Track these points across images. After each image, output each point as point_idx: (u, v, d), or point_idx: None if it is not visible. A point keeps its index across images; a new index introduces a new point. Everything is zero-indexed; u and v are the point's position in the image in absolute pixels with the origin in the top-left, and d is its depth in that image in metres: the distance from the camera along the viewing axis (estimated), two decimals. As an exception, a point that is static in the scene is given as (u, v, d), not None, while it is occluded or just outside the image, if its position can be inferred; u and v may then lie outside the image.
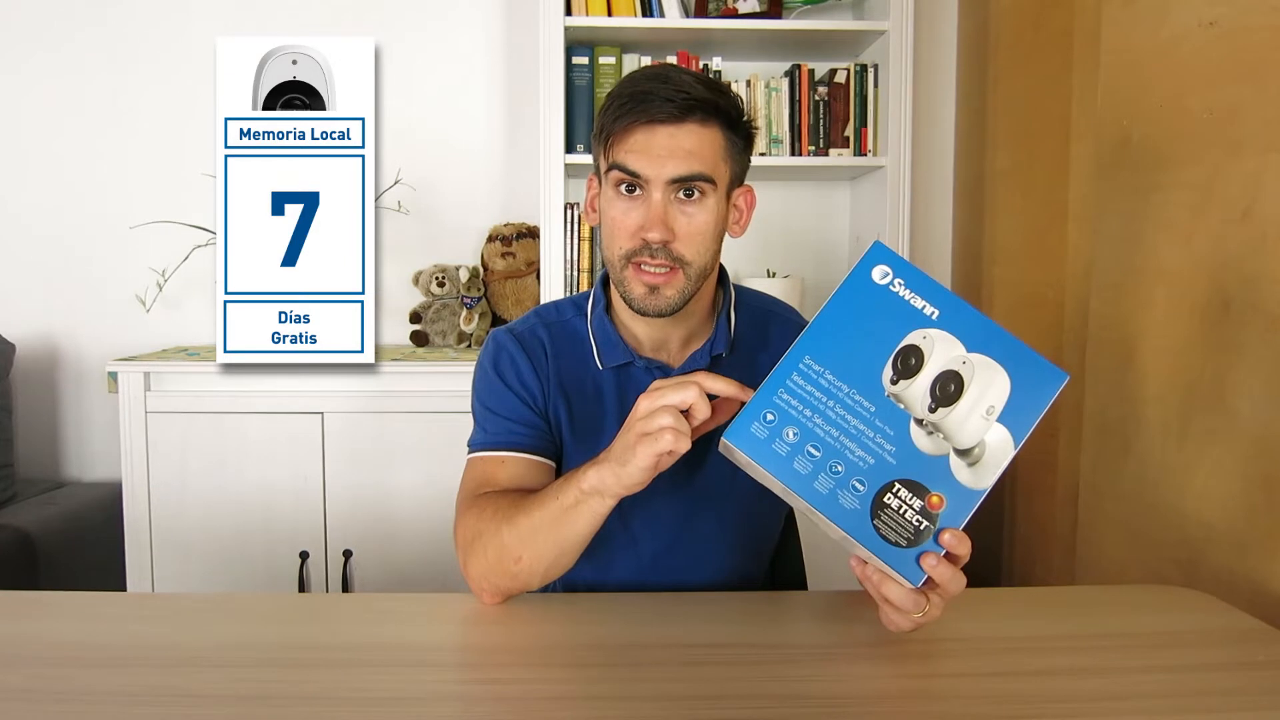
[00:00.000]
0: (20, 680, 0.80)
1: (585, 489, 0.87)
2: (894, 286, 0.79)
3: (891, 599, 0.79)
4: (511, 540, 0.92)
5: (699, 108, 0.95)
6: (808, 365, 0.78)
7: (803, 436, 0.77)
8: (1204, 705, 0.77)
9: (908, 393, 0.77)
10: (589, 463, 0.89)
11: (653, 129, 0.95)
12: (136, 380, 1.94)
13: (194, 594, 1.77)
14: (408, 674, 0.81)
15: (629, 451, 0.84)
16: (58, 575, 1.97)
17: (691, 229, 0.97)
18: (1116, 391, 1.60)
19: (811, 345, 0.79)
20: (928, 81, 2.37)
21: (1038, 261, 1.93)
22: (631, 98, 0.95)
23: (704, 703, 0.76)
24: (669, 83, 0.95)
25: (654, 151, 0.95)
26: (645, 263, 0.97)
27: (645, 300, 0.99)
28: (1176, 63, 1.44)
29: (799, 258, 2.40)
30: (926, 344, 0.78)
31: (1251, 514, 1.27)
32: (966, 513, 0.77)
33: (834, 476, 0.77)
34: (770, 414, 0.78)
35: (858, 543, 0.77)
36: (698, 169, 0.95)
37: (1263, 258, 1.25)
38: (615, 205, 0.99)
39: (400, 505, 1.98)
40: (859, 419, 0.77)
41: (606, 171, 0.99)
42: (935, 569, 0.76)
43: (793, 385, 0.78)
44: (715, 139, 0.97)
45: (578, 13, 2.08)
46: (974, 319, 0.78)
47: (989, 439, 0.77)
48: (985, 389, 0.77)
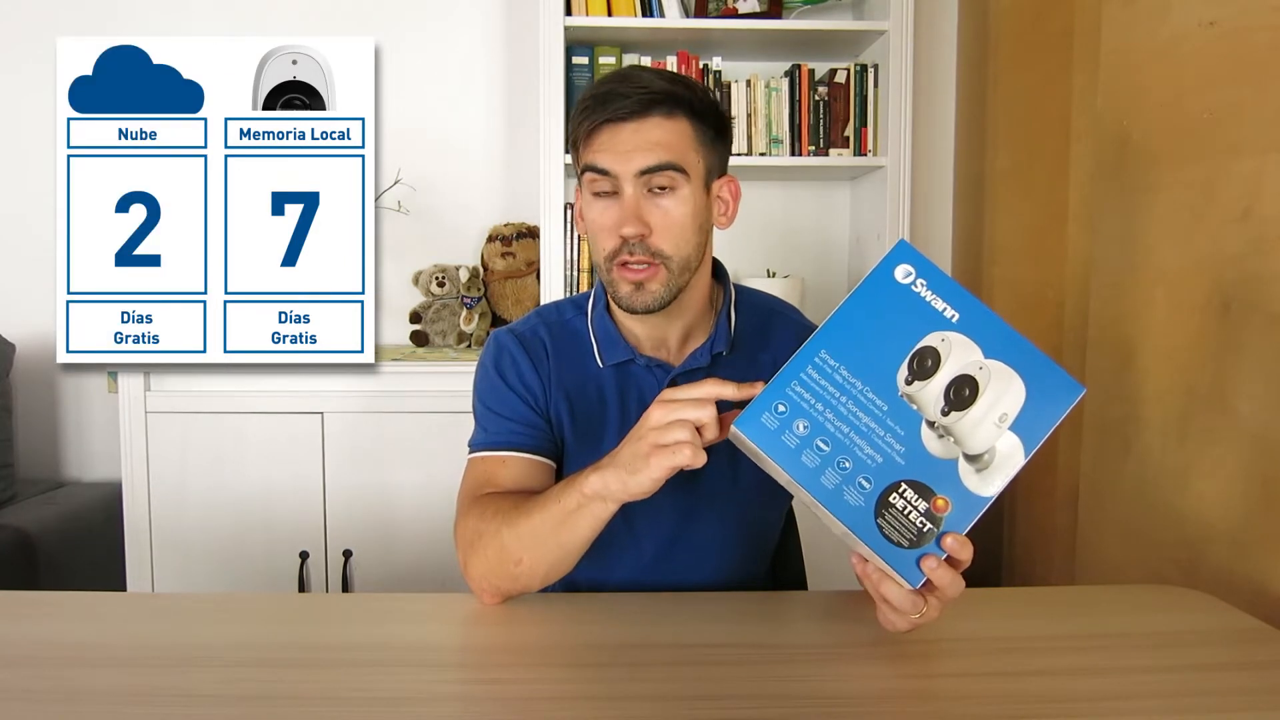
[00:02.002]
0: (20, 680, 0.80)
1: (588, 493, 0.87)
2: (916, 287, 0.79)
3: (889, 598, 0.79)
4: (512, 542, 0.92)
5: (661, 101, 0.96)
6: (823, 359, 0.78)
7: (813, 430, 0.77)
8: (1204, 705, 0.77)
9: (921, 394, 0.77)
10: (591, 467, 0.88)
11: (617, 127, 0.96)
12: (136, 380, 1.94)
13: (194, 594, 1.77)
14: (408, 674, 0.81)
15: (640, 461, 0.83)
16: (58, 575, 1.97)
17: (667, 222, 0.98)
18: (1116, 391, 1.60)
19: (829, 340, 0.78)
20: (928, 81, 2.37)
21: (1038, 261, 1.93)
22: (594, 99, 0.98)
23: (704, 703, 0.76)
24: (629, 80, 0.97)
25: (620, 148, 0.96)
26: (627, 260, 0.98)
27: (632, 298, 0.99)
28: (1176, 63, 1.44)
29: (799, 258, 2.40)
30: (944, 347, 0.77)
31: (1251, 514, 1.27)
32: (971, 519, 0.77)
33: (841, 472, 0.77)
34: (782, 405, 0.77)
35: (860, 540, 0.77)
36: (665, 158, 0.96)
37: (1263, 258, 1.25)
38: (593, 208, 1.00)
39: (400, 505, 1.98)
40: (870, 417, 0.77)
41: (580, 175, 1.01)
42: (935, 572, 0.76)
43: (807, 378, 0.78)
44: (683, 130, 0.98)
45: (578, 13, 2.08)
46: (994, 325, 0.78)
47: (1000, 446, 0.76)
48: (1000, 396, 0.76)
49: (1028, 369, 0.77)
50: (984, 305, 0.78)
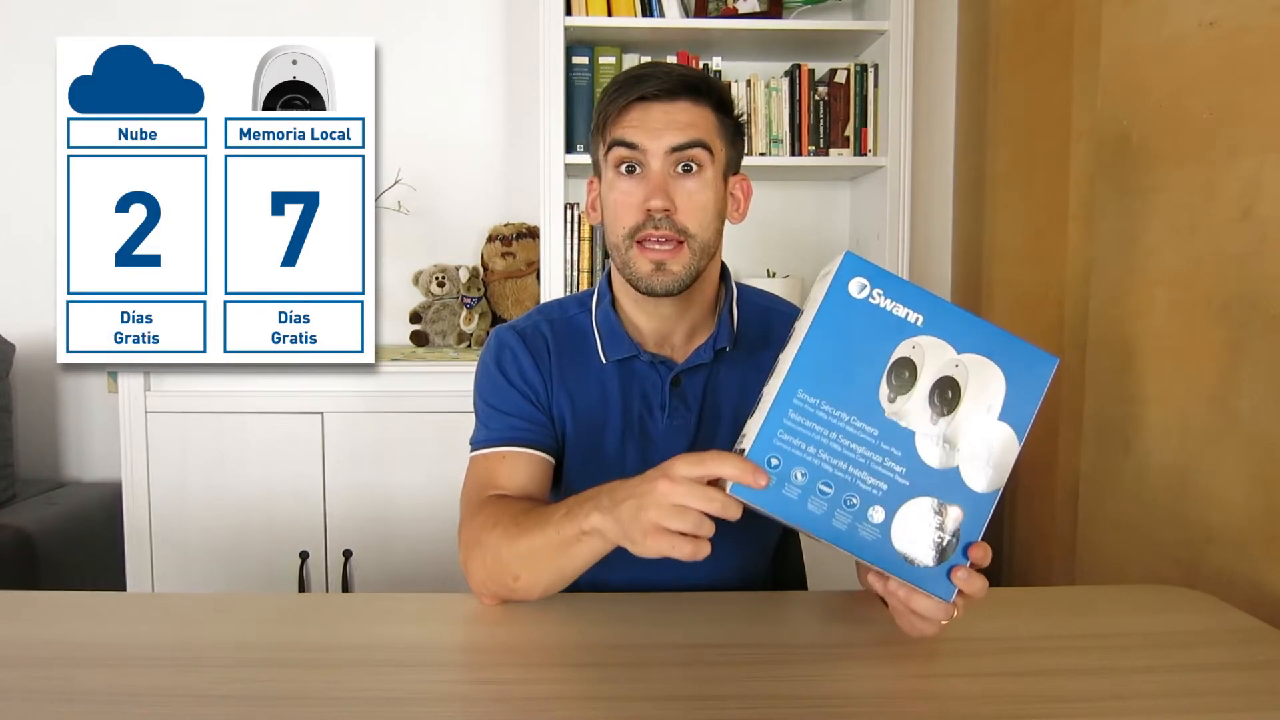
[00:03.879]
0: (20, 680, 0.80)
1: (586, 529, 0.84)
2: (874, 298, 0.75)
3: (922, 612, 0.78)
4: (510, 559, 0.91)
5: (691, 87, 1.00)
6: (802, 399, 0.74)
7: (811, 475, 0.74)
8: (1204, 705, 0.77)
9: (907, 407, 0.75)
10: (591, 500, 0.84)
11: (648, 105, 0.99)
12: (136, 380, 1.94)
13: (194, 594, 1.77)
14: (408, 674, 0.81)
15: (638, 530, 0.77)
16: (58, 575, 1.97)
17: (693, 202, 0.99)
18: (1116, 391, 1.60)
19: (801, 378, 0.75)
20: (928, 81, 2.37)
21: (1038, 262, 1.93)
22: (626, 81, 1.01)
23: (704, 703, 0.76)
24: (659, 67, 1.02)
25: (650, 124, 0.99)
26: (650, 237, 0.99)
27: (652, 278, 0.99)
28: (1176, 63, 1.44)
29: (799, 258, 2.40)
30: (917, 354, 0.76)
31: (1251, 514, 1.27)
32: (984, 518, 0.76)
33: (850, 510, 0.75)
34: (775, 459, 0.74)
35: (887, 572, 0.76)
36: (695, 136, 0.99)
37: (1263, 258, 1.25)
38: (617, 187, 1.01)
39: (400, 505, 1.98)
40: (865, 445, 0.75)
41: (606, 153, 1.02)
42: (967, 582, 0.75)
43: (791, 424, 0.74)
44: (708, 116, 1.01)
45: (578, 13, 2.08)
46: (959, 318, 0.76)
47: (994, 438, 0.76)
48: (982, 389, 0.76)
49: (1001, 354, 0.76)
50: (943, 300, 0.76)
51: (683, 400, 1.06)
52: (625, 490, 0.80)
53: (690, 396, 1.06)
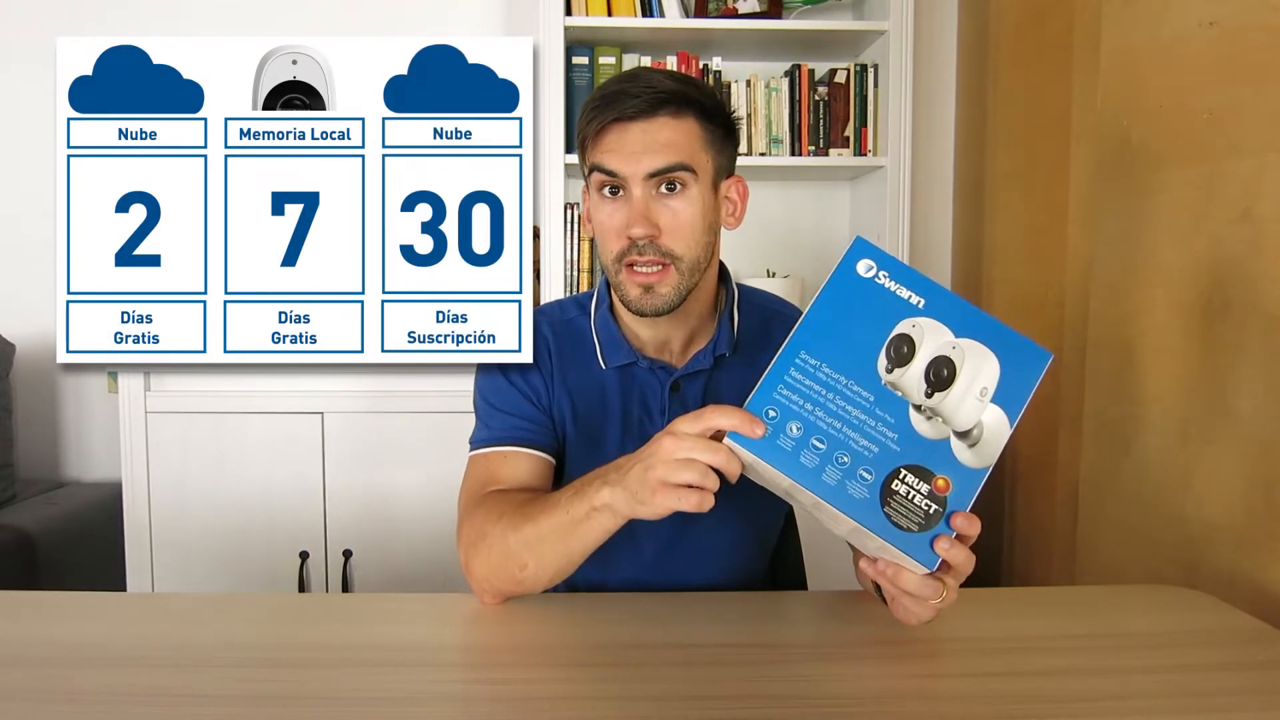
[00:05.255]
0: (20, 680, 0.80)
1: (597, 505, 0.85)
2: (879, 279, 0.80)
3: (909, 589, 0.78)
4: (518, 547, 0.91)
5: (669, 100, 0.95)
6: (804, 360, 0.79)
7: (806, 430, 0.77)
8: (1204, 705, 0.77)
9: (903, 380, 0.78)
10: (598, 476, 0.86)
11: (625, 126, 0.96)
12: (136, 380, 1.94)
13: (194, 594, 1.77)
14: (408, 674, 0.81)
15: (646, 491, 0.80)
16: (58, 575, 1.97)
17: (677, 222, 0.97)
18: (1116, 391, 1.60)
19: (806, 340, 0.79)
20: (928, 81, 2.37)
21: (1038, 261, 1.93)
22: (602, 100, 0.97)
23: (704, 703, 0.76)
24: (637, 80, 0.97)
25: (628, 148, 0.96)
26: (636, 262, 0.97)
27: (641, 301, 0.98)
28: (1176, 63, 1.44)
29: (799, 258, 2.40)
30: (916, 332, 0.79)
31: (1251, 514, 1.27)
32: (972, 493, 0.77)
33: (841, 468, 0.77)
34: (772, 410, 0.78)
35: (871, 531, 0.77)
36: (674, 159, 0.96)
37: (1263, 258, 1.25)
38: (601, 209, 1.00)
39: (400, 505, 1.98)
40: (859, 409, 0.78)
41: (588, 175, 1.00)
42: (950, 551, 0.76)
43: (792, 380, 0.78)
44: (691, 129, 0.97)
45: (578, 13, 2.08)
46: (958, 306, 0.79)
47: (985, 419, 0.78)
48: (976, 372, 0.78)
49: (998, 343, 0.79)
50: (946, 289, 0.80)
51: (682, 405, 1.06)
52: (631, 459, 0.83)
53: (690, 401, 1.06)
